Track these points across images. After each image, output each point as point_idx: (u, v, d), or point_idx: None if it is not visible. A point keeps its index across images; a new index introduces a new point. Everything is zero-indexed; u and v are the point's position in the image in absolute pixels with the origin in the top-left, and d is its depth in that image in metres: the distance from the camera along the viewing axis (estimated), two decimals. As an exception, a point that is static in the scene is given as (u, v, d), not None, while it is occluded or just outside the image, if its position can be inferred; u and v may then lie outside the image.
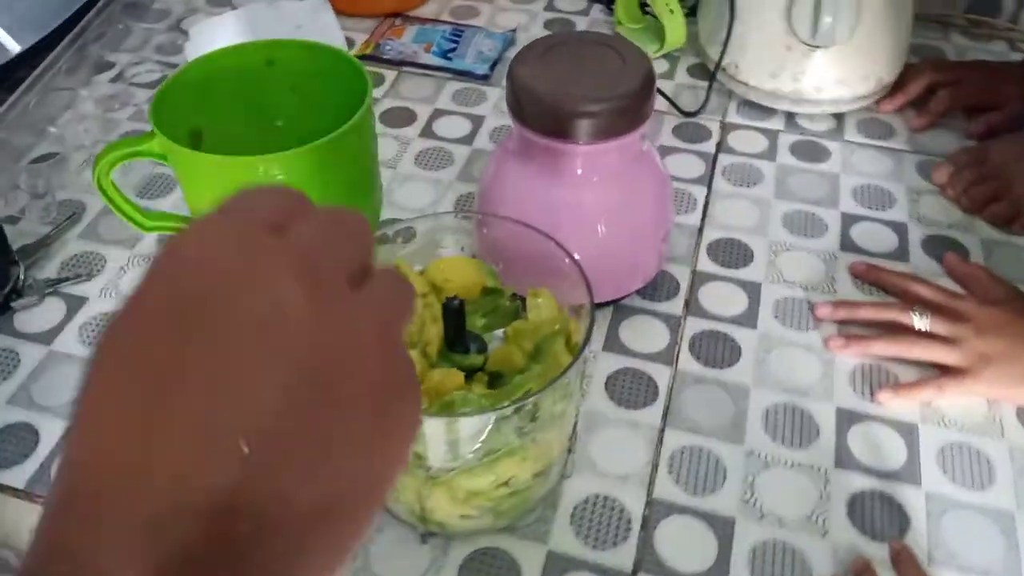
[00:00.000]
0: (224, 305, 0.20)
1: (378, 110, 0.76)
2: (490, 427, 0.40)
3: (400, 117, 0.76)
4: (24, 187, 0.65)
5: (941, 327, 0.54)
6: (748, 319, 0.58)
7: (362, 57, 0.82)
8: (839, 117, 0.75)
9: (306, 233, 0.23)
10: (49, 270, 0.62)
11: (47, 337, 0.57)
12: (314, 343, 0.21)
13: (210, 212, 0.23)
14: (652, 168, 0.56)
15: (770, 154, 0.72)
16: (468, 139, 0.73)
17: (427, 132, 0.74)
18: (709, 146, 0.73)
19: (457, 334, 0.43)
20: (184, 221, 0.59)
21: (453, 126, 0.75)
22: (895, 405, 0.53)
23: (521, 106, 0.50)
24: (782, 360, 0.56)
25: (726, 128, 0.75)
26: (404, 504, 0.46)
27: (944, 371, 0.53)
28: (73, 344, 0.57)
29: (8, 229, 0.63)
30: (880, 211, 0.66)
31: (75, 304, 0.60)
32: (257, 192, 0.25)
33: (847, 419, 0.52)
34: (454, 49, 0.82)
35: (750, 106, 0.76)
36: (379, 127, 0.74)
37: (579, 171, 0.52)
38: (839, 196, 0.68)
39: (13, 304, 0.59)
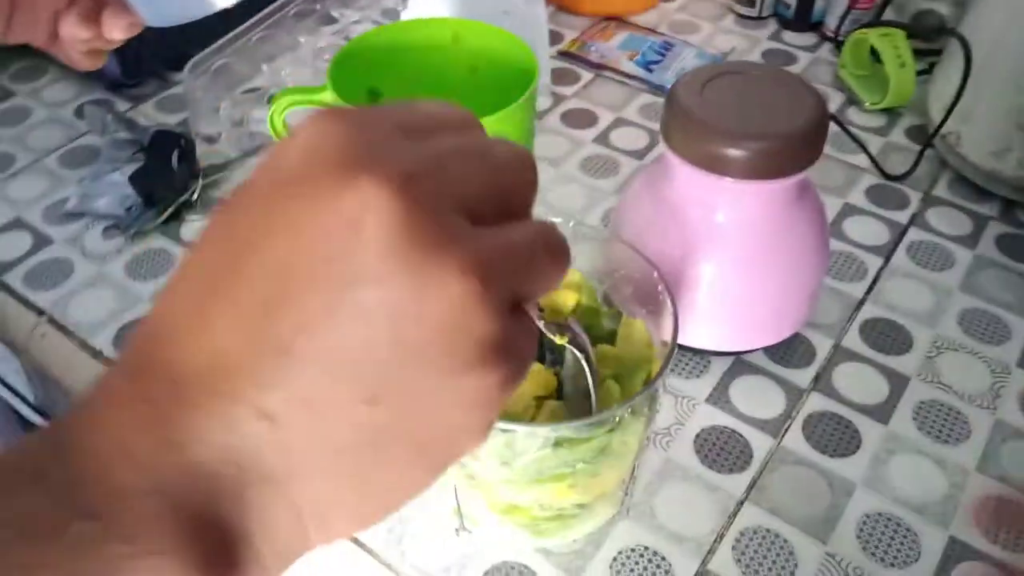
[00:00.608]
0: (309, 202, 0.18)
1: (562, 108, 0.76)
2: (537, 446, 0.39)
3: (581, 119, 0.75)
4: (227, 113, 0.72)
5: None
6: (881, 413, 0.52)
7: (565, 54, 0.82)
8: (1070, 218, 0.65)
9: (439, 149, 0.20)
10: (224, 191, 0.67)
11: (202, 250, 0.63)
12: (376, 279, 0.18)
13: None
14: (810, 220, 0.51)
15: (970, 241, 0.63)
16: (640, 154, 0.71)
17: (602, 139, 0.73)
18: (902, 216, 0.66)
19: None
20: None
21: (630, 138, 0.73)
22: None
23: (671, 129, 0.48)
24: (905, 467, 0.49)
25: (928, 201, 0.67)
26: (445, 495, 0.45)
27: None
28: (222, 262, 0.62)
29: (202, 147, 0.70)
30: (1085, 334, 0.57)
31: (235, 227, 0.64)
32: (424, 101, 0.23)
33: (958, 554, 0.45)
34: (658, 62, 0.80)
35: (964, 183, 0.68)
36: (557, 125, 0.74)
37: (721, 207, 0.49)
38: (1039, 305, 0.59)
39: (185, 214, 0.65)
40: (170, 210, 0.64)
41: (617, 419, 0.37)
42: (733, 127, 0.46)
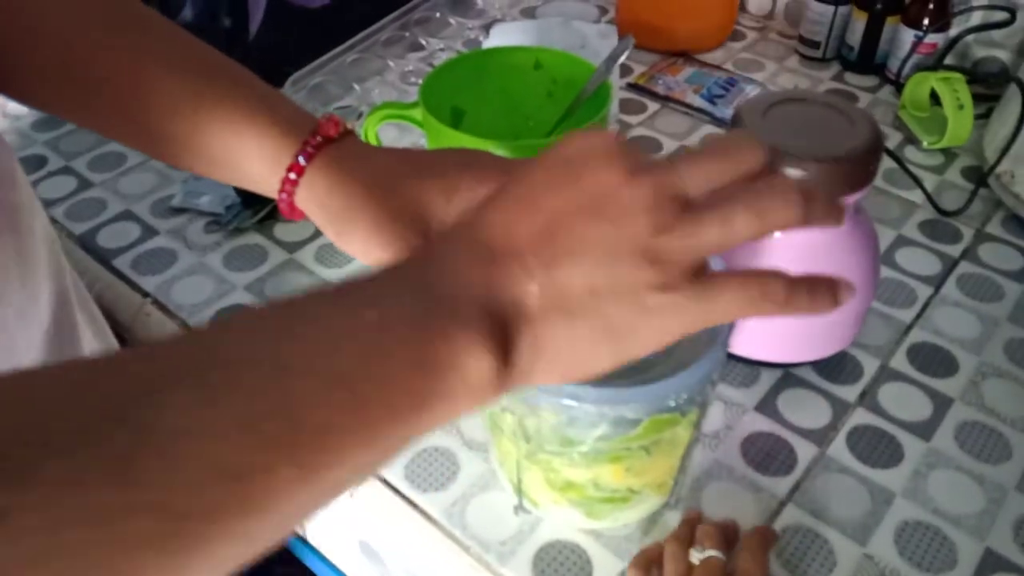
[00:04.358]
0: (590, 171, 0.29)
1: (629, 135, 0.80)
2: (593, 424, 0.42)
3: (646, 145, 0.79)
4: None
5: None
6: (924, 430, 0.54)
7: (633, 86, 0.86)
8: (1123, 259, 0.67)
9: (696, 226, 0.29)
10: (314, 196, 0.73)
11: (292, 247, 0.68)
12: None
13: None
14: (862, 244, 0.55)
15: (1021, 276, 0.66)
16: (702, 180, 0.75)
17: (666, 164, 0.77)
18: (954, 250, 0.68)
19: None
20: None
21: (693, 165, 0.77)
22: None
23: (733, 149, 0.52)
24: (944, 481, 0.51)
25: (980, 237, 0.69)
26: (506, 470, 0.49)
27: None
28: (309, 259, 0.67)
29: (296, 156, 0.76)
30: None
31: (322, 228, 0.70)
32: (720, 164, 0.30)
33: (993, 565, 0.47)
34: (722, 96, 0.84)
35: (1017, 222, 0.70)
36: (624, 150, 0.78)
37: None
38: (1087, 340, 0.60)
39: (277, 215, 0.70)
40: (265, 211, 0.70)
41: (673, 403, 0.41)
42: (792, 148, 0.49)
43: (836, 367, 0.58)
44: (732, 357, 0.58)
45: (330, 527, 0.58)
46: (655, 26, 0.90)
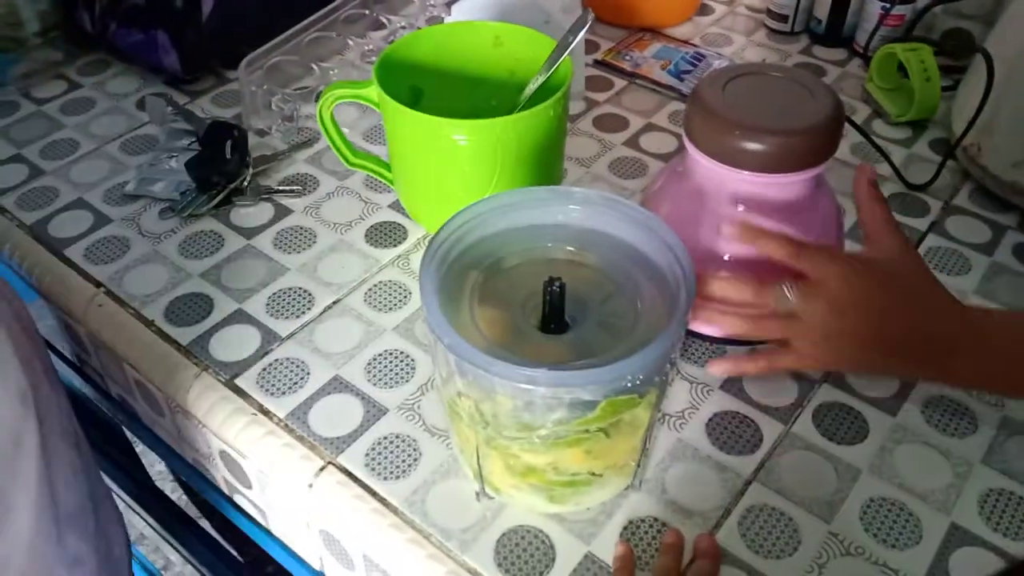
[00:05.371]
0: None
1: (595, 112, 0.79)
2: (550, 407, 0.41)
3: (612, 123, 0.78)
4: (278, 109, 0.76)
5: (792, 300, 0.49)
6: (891, 406, 0.54)
7: (601, 63, 0.85)
8: (1089, 230, 0.66)
9: None
10: (272, 180, 0.71)
11: (249, 233, 0.67)
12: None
13: None
14: (826, 217, 0.54)
15: (988, 249, 0.65)
16: (668, 157, 0.74)
17: (632, 142, 0.76)
18: (922, 223, 0.67)
19: (554, 315, 0.45)
20: (383, 166, 0.66)
21: (659, 142, 0.76)
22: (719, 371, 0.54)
23: (692, 124, 0.51)
24: (911, 457, 0.51)
25: (948, 210, 0.69)
26: (466, 457, 0.48)
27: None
28: (267, 245, 0.66)
29: (254, 139, 0.74)
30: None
31: (281, 213, 0.68)
32: None
33: (958, 540, 0.47)
34: (690, 72, 0.82)
35: (984, 194, 0.69)
36: (590, 128, 0.77)
37: (737, 200, 0.51)
38: (1053, 311, 0.60)
39: (234, 200, 0.69)
40: (221, 195, 0.68)
41: (629, 383, 0.40)
42: (751, 122, 0.48)
43: (802, 344, 0.57)
44: (698, 336, 0.57)
45: (291, 518, 0.57)
46: (621, 1, 0.89)
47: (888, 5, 0.81)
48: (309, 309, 0.61)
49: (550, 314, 0.45)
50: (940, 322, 0.48)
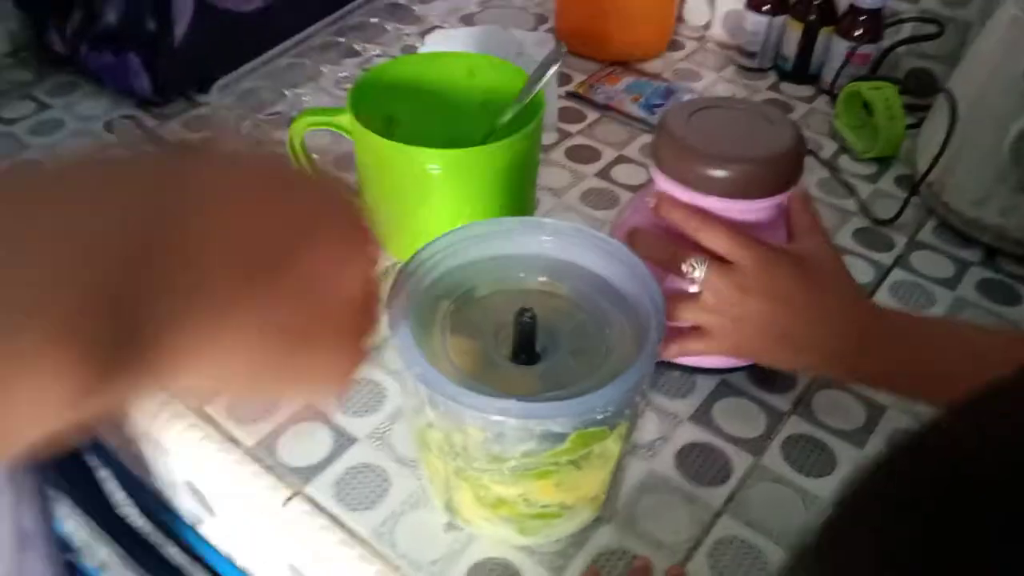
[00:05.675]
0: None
1: (568, 143, 0.80)
2: (520, 439, 0.41)
3: (584, 154, 0.79)
4: (248, 134, 0.76)
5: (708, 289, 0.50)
6: (858, 438, 0.54)
7: (573, 95, 0.86)
8: (1049, 266, 0.68)
9: None
10: (243, 206, 0.71)
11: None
12: None
13: None
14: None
15: (951, 284, 0.66)
16: (639, 188, 0.75)
17: (603, 173, 0.76)
18: (887, 257, 0.69)
19: (525, 346, 0.45)
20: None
21: (630, 174, 0.76)
22: None
23: (660, 152, 0.51)
24: (877, 489, 0.51)
25: (913, 245, 0.70)
26: (435, 488, 0.48)
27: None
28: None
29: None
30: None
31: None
32: None
33: (925, 572, 0.47)
34: (660, 105, 0.84)
35: (948, 230, 0.71)
36: (561, 159, 0.78)
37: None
38: (1015, 346, 0.61)
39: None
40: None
41: (600, 415, 0.40)
42: (716, 151, 0.49)
43: (772, 375, 0.58)
44: (668, 365, 0.57)
45: (258, 550, 0.55)
46: (593, 35, 0.90)
47: (854, 44, 0.83)
48: (278, 336, 0.60)
49: (521, 345, 0.45)
50: (851, 319, 0.49)
